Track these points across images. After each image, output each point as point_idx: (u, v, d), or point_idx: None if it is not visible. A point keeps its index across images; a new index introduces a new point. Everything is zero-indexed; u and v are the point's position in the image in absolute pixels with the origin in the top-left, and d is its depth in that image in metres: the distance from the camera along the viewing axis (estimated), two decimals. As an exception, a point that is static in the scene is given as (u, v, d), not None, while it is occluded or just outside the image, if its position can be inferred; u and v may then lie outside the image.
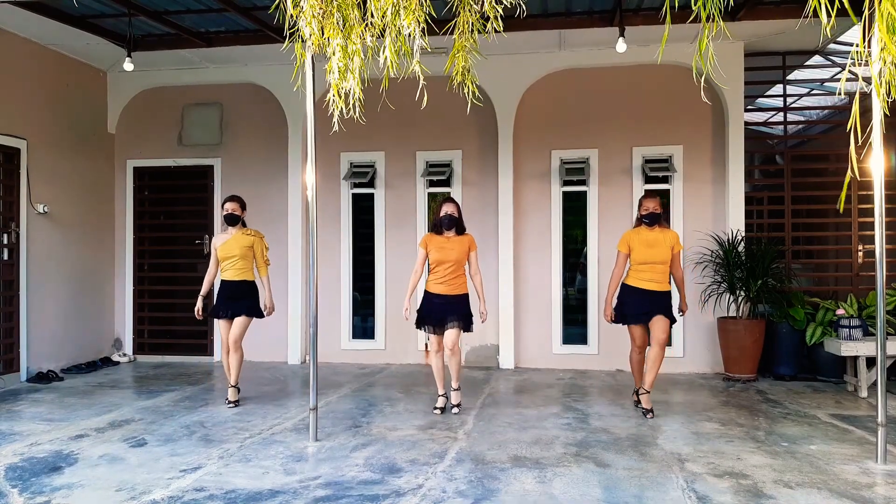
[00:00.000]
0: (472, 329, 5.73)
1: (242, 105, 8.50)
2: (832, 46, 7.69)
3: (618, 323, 5.77)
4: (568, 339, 7.93)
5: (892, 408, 5.51)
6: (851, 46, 7.58)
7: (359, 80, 3.78)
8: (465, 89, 3.86)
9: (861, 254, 7.75)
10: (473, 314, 5.72)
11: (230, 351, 5.91)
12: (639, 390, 5.76)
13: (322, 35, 3.73)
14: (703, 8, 2.78)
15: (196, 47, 7.53)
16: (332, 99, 3.87)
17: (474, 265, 5.77)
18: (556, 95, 7.96)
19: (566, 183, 7.90)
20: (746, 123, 7.87)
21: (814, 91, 8.57)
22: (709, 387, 6.83)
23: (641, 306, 5.58)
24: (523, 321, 7.94)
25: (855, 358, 6.48)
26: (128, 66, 7.06)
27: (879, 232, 4.34)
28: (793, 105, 8.41)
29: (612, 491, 3.85)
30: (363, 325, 8.42)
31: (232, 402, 5.92)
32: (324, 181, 8.14)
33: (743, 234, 7.34)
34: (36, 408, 5.96)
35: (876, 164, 4.27)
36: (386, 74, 3.62)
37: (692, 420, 5.47)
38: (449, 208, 5.69)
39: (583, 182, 7.88)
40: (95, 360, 8.05)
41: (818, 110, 8.68)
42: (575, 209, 7.98)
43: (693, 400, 6.17)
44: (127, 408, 5.95)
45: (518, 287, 7.92)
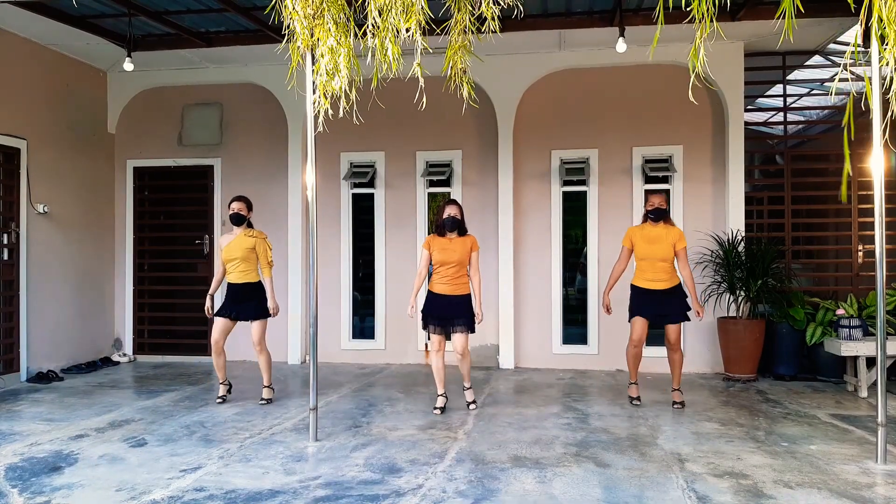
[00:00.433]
0: (475, 330, 5.77)
1: (242, 105, 8.50)
2: (832, 46, 7.68)
3: (629, 317, 5.85)
4: (568, 339, 7.94)
5: (892, 408, 5.51)
6: (851, 46, 7.62)
7: (345, 81, 3.78)
8: (462, 90, 3.86)
9: (861, 254, 7.75)
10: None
11: (256, 354, 6.13)
12: (636, 383, 5.98)
13: (311, 37, 3.73)
14: (698, 7, 2.78)
15: (196, 47, 7.53)
16: (318, 100, 3.88)
17: (474, 265, 5.82)
18: (556, 95, 7.96)
19: (566, 183, 7.90)
20: (746, 123, 7.87)
21: (814, 91, 8.57)
22: (709, 387, 6.83)
23: (650, 308, 5.72)
24: (523, 321, 7.94)
25: (855, 358, 6.48)
26: (128, 66, 7.06)
27: (879, 232, 4.34)
28: (793, 105, 8.41)
29: (612, 491, 3.85)
30: (363, 325, 8.42)
31: (265, 400, 6.06)
32: (324, 181, 8.14)
33: (743, 234, 7.34)
34: (36, 408, 5.96)
35: (876, 164, 4.27)
36: (375, 73, 3.62)
37: (692, 420, 5.48)
38: (451, 210, 5.75)
39: (583, 182, 7.88)
40: (95, 360, 8.05)
41: (818, 110, 8.68)
42: (575, 209, 7.98)
43: (693, 400, 6.16)
44: (127, 408, 5.95)
45: (518, 287, 7.92)
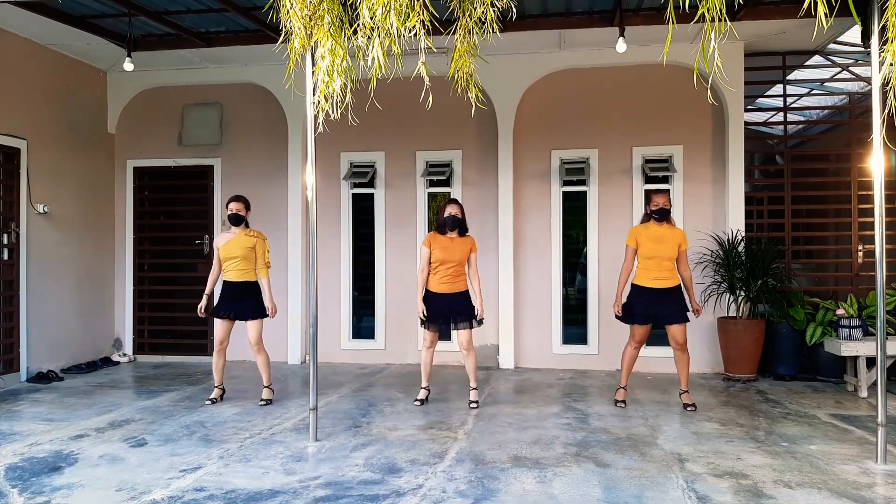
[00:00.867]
0: (475, 324, 5.87)
1: (242, 105, 8.50)
2: (832, 46, 7.69)
3: (625, 322, 5.84)
4: (568, 339, 7.93)
5: (892, 408, 5.51)
6: (851, 46, 7.62)
7: (343, 82, 3.78)
8: (469, 93, 3.86)
9: (861, 254, 7.75)
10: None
11: (254, 354, 6.09)
12: (625, 388, 5.97)
13: (310, 38, 3.73)
14: (707, 10, 2.78)
15: (196, 47, 7.52)
16: (318, 100, 3.88)
17: (473, 266, 5.93)
18: (556, 95, 7.96)
19: (566, 183, 7.90)
20: (746, 123, 7.87)
21: (814, 91, 8.57)
22: (709, 387, 6.83)
23: (650, 308, 5.71)
24: (523, 321, 7.94)
25: (855, 358, 6.48)
26: (128, 66, 7.06)
27: (879, 232, 4.34)
28: (793, 105, 8.41)
29: (612, 491, 3.85)
30: (363, 325, 8.42)
31: (265, 401, 6.04)
32: (324, 181, 8.14)
33: (743, 234, 7.34)
34: (36, 408, 5.96)
35: (876, 164, 4.27)
36: (374, 74, 3.62)
37: (692, 420, 5.48)
38: (453, 209, 5.84)
39: (583, 182, 7.88)
40: (95, 360, 8.05)
41: (818, 110, 8.68)
42: (575, 209, 7.98)
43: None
44: (127, 408, 5.95)
45: (518, 287, 7.91)
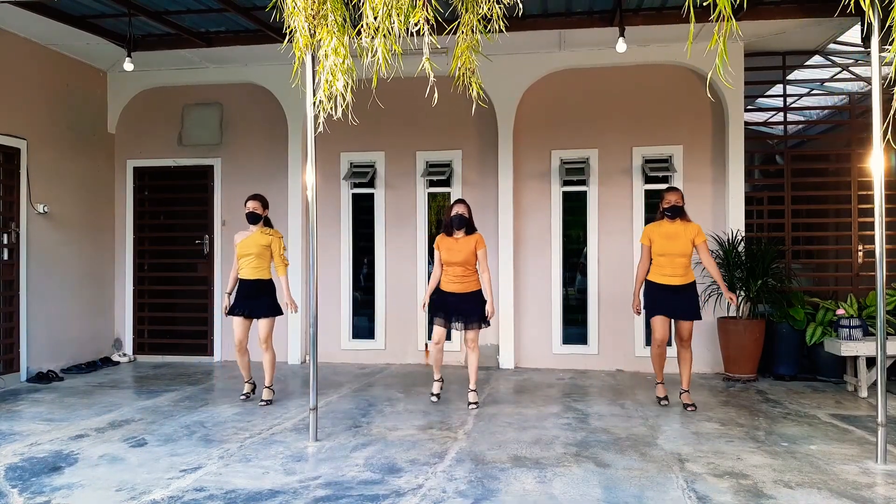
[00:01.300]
0: (489, 323, 6.03)
1: (242, 105, 8.50)
2: (832, 46, 7.69)
3: (647, 315, 5.91)
4: (568, 339, 7.93)
5: (892, 408, 5.51)
6: (851, 46, 7.62)
7: (346, 82, 3.77)
8: (471, 91, 3.86)
9: (861, 254, 7.75)
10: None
11: (262, 351, 6.06)
12: (662, 383, 6.02)
13: (313, 37, 3.73)
14: (714, 9, 2.78)
15: (196, 47, 7.53)
16: (320, 100, 3.87)
17: (482, 263, 5.94)
18: (556, 95, 7.96)
19: (566, 183, 7.90)
20: (746, 123, 7.87)
21: (814, 91, 8.57)
22: (709, 387, 6.83)
23: (665, 303, 5.76)
24: (523, 321, 7.94)
25: (855, 358, 6.48)
26: (128, 66, 7.06)
27: (879, 232, 4.34)
28: (793, 105, 8.41)
29: (612, 491, 3.85)
30: (363, 325, 8.42)
31: (265, 401, 6.01)
32: (324, 181, 8.14)
33: (743, 234, 7.34)
34: (36, 408, 5.96)
35: (876, 164, 4.27)
36: (375, 74, 3.61)
37: (692, 420, 5.48)
38: (459, 208, 5.92)
39: (583, 182, 7.88)
40: (95, 360, 8.05)
41: (818, 110, 8.68)
42: (575, 209, 7.98)
43: (693, 400, 6.16)
44: (127, 408, 5.95)
45: (518, 287, 7.91)
